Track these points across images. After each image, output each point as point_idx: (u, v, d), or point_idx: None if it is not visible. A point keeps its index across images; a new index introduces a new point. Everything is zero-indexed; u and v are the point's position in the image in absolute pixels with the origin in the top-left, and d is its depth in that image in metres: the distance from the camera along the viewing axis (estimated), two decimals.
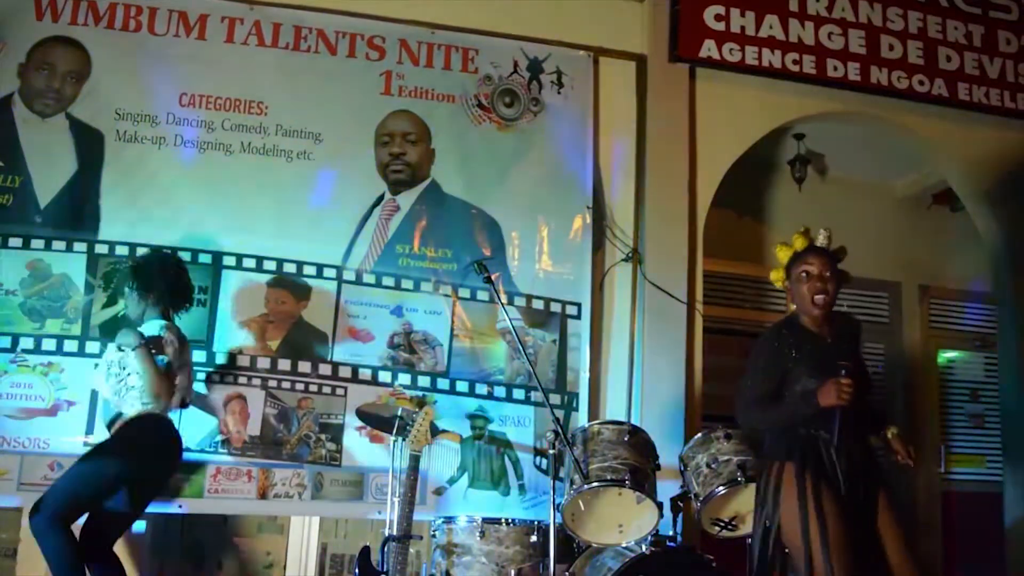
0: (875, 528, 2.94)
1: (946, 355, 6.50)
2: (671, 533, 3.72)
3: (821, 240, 3.13)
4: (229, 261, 4.25)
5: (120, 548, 3.91)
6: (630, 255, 4.73)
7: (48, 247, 4.12)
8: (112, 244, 4.15)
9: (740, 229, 5.97)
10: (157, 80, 4.34)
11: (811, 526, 2.81)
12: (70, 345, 4.04)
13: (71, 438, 3.95)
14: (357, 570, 3.38)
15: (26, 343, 4.02)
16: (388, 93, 4.60)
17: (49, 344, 4.04)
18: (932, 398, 6.37)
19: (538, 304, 4.58)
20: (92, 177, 4.21)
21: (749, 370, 3.11)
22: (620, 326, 4.71)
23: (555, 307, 4.59)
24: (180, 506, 3.99)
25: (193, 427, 4.00)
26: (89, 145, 4.24)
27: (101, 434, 3.89)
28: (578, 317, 4.60)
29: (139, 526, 4.06)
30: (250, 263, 4.28)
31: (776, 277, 3.21)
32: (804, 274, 3.06)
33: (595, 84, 4.88)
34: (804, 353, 2.99)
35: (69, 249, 4.13)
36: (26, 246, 4.09)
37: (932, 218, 6.44)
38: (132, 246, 4.15)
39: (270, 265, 4.30)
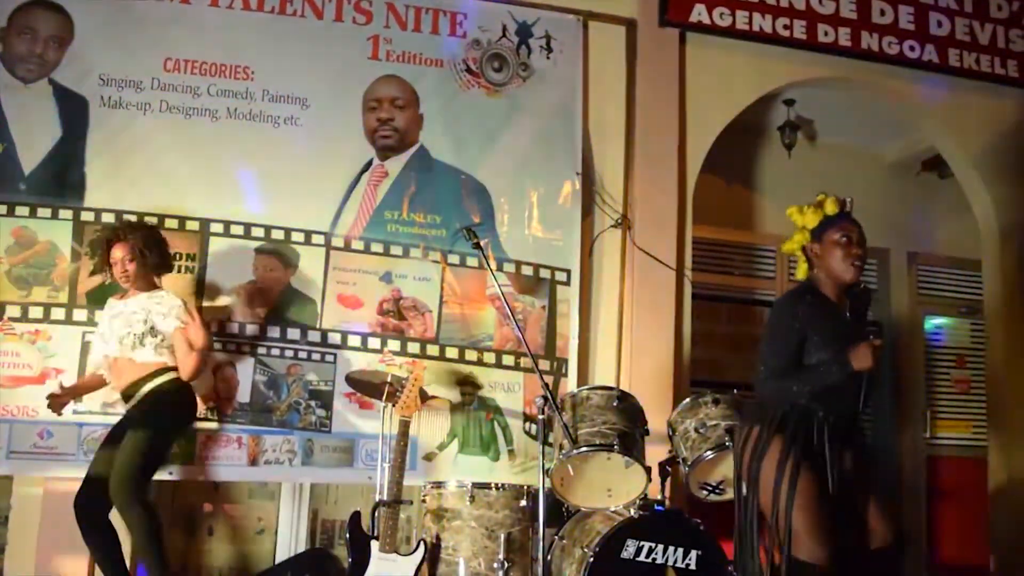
0: (855, 497, 2.93)
1: (933, 321, 6.54)
2: (659, 497, 3.75)
3: (848, 206, 3.04)
4: (216, 228, 4.22)
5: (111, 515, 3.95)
6: (619, 221, 4.73)
7: (33, 214, 4.08)
8: (98, 211, 4.12)
9: (729, 195, 5.97)
10: (141, 45, 4.28)
11: (785, 494, 2.80)
12: (57, 313, 4.01)
13: None
14: (348, 535, 3.40)
15: (12, 311, 4.00)
16: (376, 58, 4.55)
17: (36, 312, 4.01)
18: (918, 364, 6.42)
19: (527, 270, 4.57)
20: (77, 143, 4.16)
21: (770, 338, 3.01)
22: (609, 292, 4.70)
23: (544, 273, 4.59)
24: (171, 472, 3.98)
25: None
26: (73, 111, 4.18)
27: (90, 403, 3.91)
28: (567, 283, 4.60)
29: None
30: (238, 230, 4.25)
31: (800, 239, 3.09)
32: (845, 239, 2.96)
33: (584, 49, 4.83)
34: (822, 322, 2.93)
35: (54, 216, 4.10)
36: (11, 213, 4.05)
37: (921, 185, 6.45)
38: (118, 213, 4.11)
39: (258, 232, 4.27)
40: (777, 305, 3.13)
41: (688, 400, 3.78)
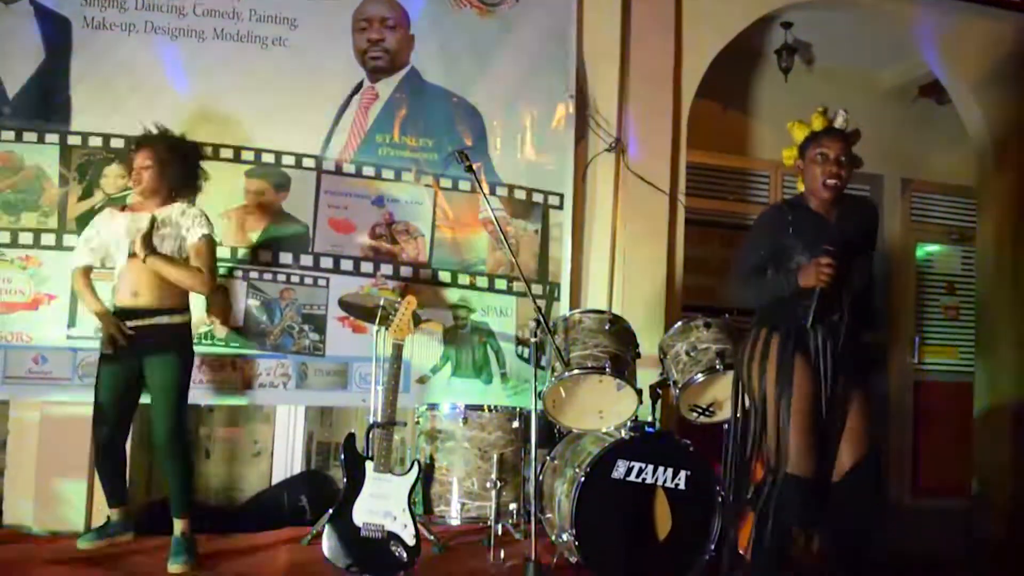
0: (844, 410, 2.94)
1: (925, 248, 6.55)
2: (650, 419, 3.80)
3: (840, 122, 3.00)
4: (206, 151, 4.16)
5: None
6: (613, 145, 4.69)
7: (19, 139, 4.03)
8: (85, 135, 4.06)
9: (724, 120, 5.90)
10: None
11: (775, 389, 2.87)
12: (48, 239, 3.99)
13: (53, 331, 3.95)
14: (343, 456, 3.44)
15: (2, 237, 3.98)
16: None
17: (26, 238, 4.00)
18: (909, 290, 6.45)
19: (520, 194, 4.55)
20: (61, 66, 4.08)
21: (743, 243, 3.09)
22: (602, 216, 4.70)
23: (537, 197, 4.58)
24: None
25: None
26: (56, 32, 4.09)
27: (84, 327, 3.90)
28: (560, 207, 4.60)
29: None
30: (227, 153, 4.20)
31: (788, 155, 3.10)
32: (819, 156, 2.94)
33: None
34: (802, 232, 2.94)
35: (40, 141, 4.04)
36: None
37: (917, 111, 6.38)
38: (106, 137, 4.07)
39: (248, 155, 4.23)
40: (760, 213, 3.15)
41: (680, 323, 3.80)
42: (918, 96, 6.31)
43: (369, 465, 3.39)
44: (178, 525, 3.45)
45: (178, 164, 3.60)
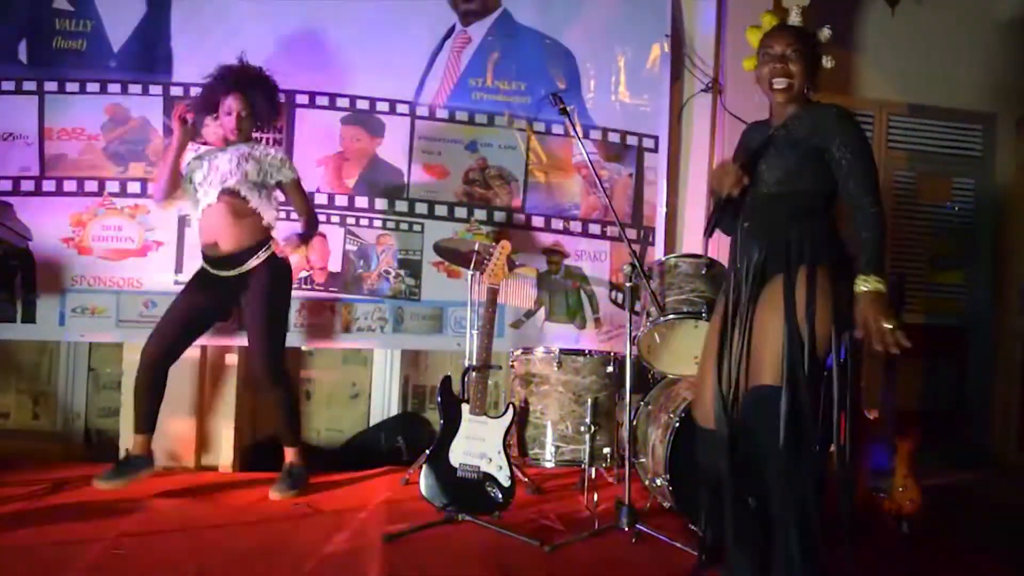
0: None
1: None
2: None
3: (793, 18, 2.69)
4: (302, 99, 4.23)
5: (210, 379, 4.13)
6: (710, 85, 4.56)
7: (124, 91, 4.16)
8: (187, 86, 4.15)
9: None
10: None
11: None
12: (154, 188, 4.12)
13: (162, 277, 4.11)
14: (440, 398, 3.49)
15: (112, 187, 4.13)
16: None
17: (134, 187, 4.14)
18: (1020, 237, 6.13)
19: (614, 137, 4.48)
20: (162, 17, 4.18)
21: None
22: (698, 159, 4.59)
23: (632, 140, 4.50)
24: None
25: None
26: None
27: (190, 274, 4.00)
28: (655, 150, 4.51)
29: (231, 359, 4.26)
30: (323, 101, 4.25)
31: (748, 65, 2.83)
32: (765, 55, 2.56)
33: None
34: (753, 149, 2.63)
35: (145, 92, 4.16)
36: (103, 91, 4.14)
37: None
38: None
39: (343, 102, 4.27)
40: None
41: None
42: None
43: (465, 407, 3.43)
44: (289, 454, 3.66)
45: (264, 102, 3.69)
